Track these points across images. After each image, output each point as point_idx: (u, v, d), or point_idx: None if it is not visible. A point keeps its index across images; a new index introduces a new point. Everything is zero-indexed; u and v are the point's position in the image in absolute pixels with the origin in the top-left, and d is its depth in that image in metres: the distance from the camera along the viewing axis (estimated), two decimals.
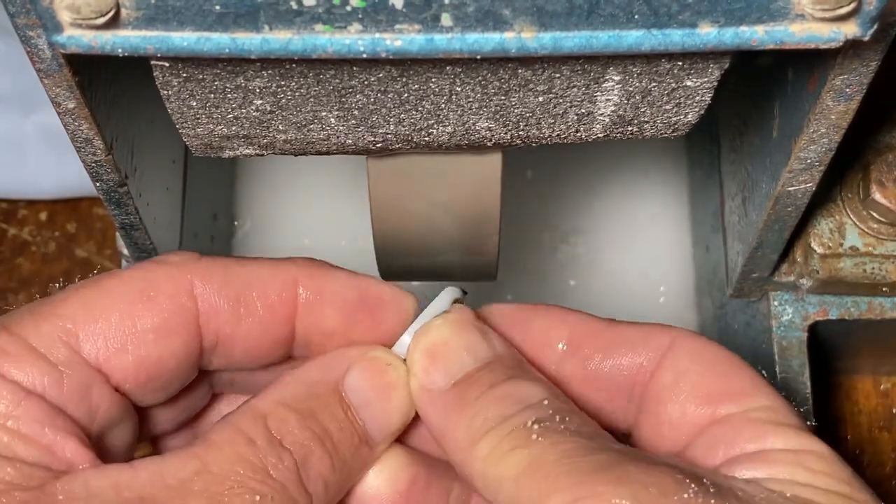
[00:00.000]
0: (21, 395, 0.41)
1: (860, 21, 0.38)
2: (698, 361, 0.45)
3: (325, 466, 0.43)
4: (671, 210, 0.74)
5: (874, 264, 0.58)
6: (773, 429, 0.43)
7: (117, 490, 0.40)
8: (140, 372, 0.43)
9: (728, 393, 0.44)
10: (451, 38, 0.37)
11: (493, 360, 0.46)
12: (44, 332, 0.42)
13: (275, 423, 0.43)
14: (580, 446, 0.41)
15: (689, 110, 0.44)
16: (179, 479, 0.40)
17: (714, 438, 0.44)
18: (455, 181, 0.49)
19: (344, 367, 0.45)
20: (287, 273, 0.45)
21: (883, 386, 0.71)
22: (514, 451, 0.42)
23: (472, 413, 0.44)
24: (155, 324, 0.43)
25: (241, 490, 0.41)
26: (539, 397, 0.44)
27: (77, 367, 0.42)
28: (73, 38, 0.37)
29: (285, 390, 0.44)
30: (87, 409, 0.42)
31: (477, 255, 0.52)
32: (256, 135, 0.44)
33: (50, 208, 0.74)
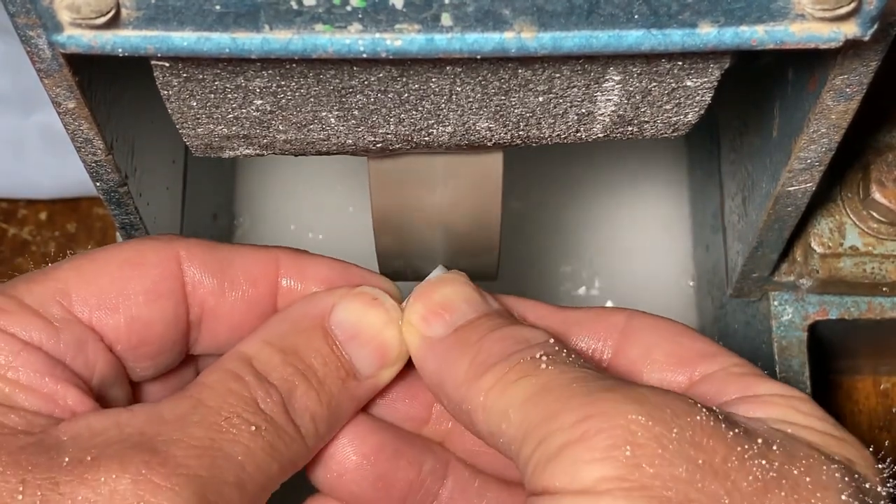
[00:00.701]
0: (18, 346, 0.42)
1: (860, 21, 0.38)
2: (661, 333, 0.46)
3: (311, 400, 0.44)
4: (671, 210, 0.74)
5: (874, 264, 0.58)
6: (757, 379, 0.44)
7: (119, 427, 0.41)
8: (131, 332, 0.45)
9: (700, 355, 0.45)
10: (451, 38, 0.37)
11: (492, 311, 0.46)
12: (37, 292, 0.44)
13: (260, 363, 0.44)
14: (591, 375, 0.42)
15: (689, 110, 0.44)
16: (177, 414, 0.42)
17: (702, 394, 0.44)
18: (455, 181, 0.49)
19: (330, 302, 0.46)
20: (269, 254, 0.47)
21: (883, 386, 0.71)
22: (523, 380, 0.42)
23: (474, 351, 0.44)
24: (144, 287, 0.45)
25: (238, 420, 0.42)
26: (544, 338, 0.44)
27: (71, 324, 0.44)
28: (73, 37, 0.37)
29: (271, 329, 0.46)
30: (83, 363, 0.44)
31: (477, 255, 0.52)
32: (256, 135, 0.44)
33: (50, 208, 0.74)
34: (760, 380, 0.44)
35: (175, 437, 0.41)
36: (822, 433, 0.42)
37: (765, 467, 0.39)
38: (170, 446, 0.40)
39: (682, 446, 0.38)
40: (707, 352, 0.46)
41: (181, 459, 0.40)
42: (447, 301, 0.46)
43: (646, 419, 0.39)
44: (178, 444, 0.40)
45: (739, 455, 0.39)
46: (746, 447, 0.39)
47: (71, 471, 0.39)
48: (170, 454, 0.40)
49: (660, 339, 0.46)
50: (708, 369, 0.45)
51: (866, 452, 0.43)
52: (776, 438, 0.40)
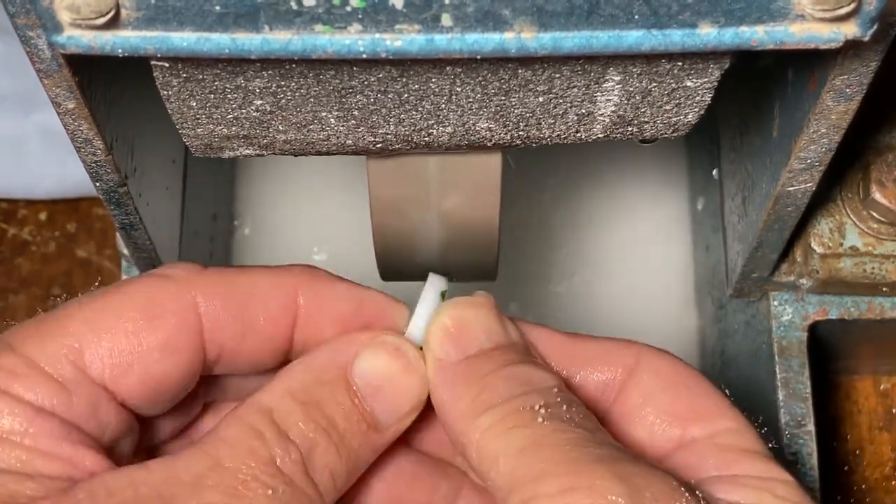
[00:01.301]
0: (33, 413, 0.41)
1: (860, 21, 0.38)
2: (663, 381, 0.46)
3: (331, 457, 0.44)
4: (671, 210, 0.74)
5: (874, 264, 0.58)
6: (739, 455, 0.44)
7: (135, 487, 0.40)
8: (146, 389, 0.44)
9: (695, 415, 0.45)
10: (451, 38, 0.37)
11: (507, 344, 0.46)
12: (50, 351, 0.42)
13: (280, 416, 0.43)
14: (583, 437, 0.42)
15: (689, 110, 0.44)
16: (193, 474, 0.41)
17: (683, 463, 0.44)
18: (455, 181, 0.49)
19: (352, 351, 0.45)
20: (287, 284, 0.46)
21: (883, 386, 0.71)
22: (517, 429, 0.42)
23: (480, 386, 0.44)
24: (160, 342, 0.43)
25: (255, 484, 0.41)
26: (549, 384, 0.44)
27: (84, 386, 0.43)
28: (73, 38, 0.37)
29: (292, 380, 0.45)
30: (97, 424, 0.43)
31: (477, 256, 0.52)
32: (256, 135, 0.44)
33: (50, 208, 0.74)
34: (744, 456, 0.44)
35: (190, 502, 0.40)
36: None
37: None
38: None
39: None
40: (703, 410, 0.45)
41: None
42: (465, 326, 0.46)
43: (626, 501, 0.39)
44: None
45: None
46: None
47: None
48: None
49: (660, 390, 0.46)
50: (698, 433, 0.45)
51: None
52: None
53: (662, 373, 0.46)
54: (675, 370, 0.46)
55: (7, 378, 0.42)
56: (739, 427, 0.45)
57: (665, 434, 0.45)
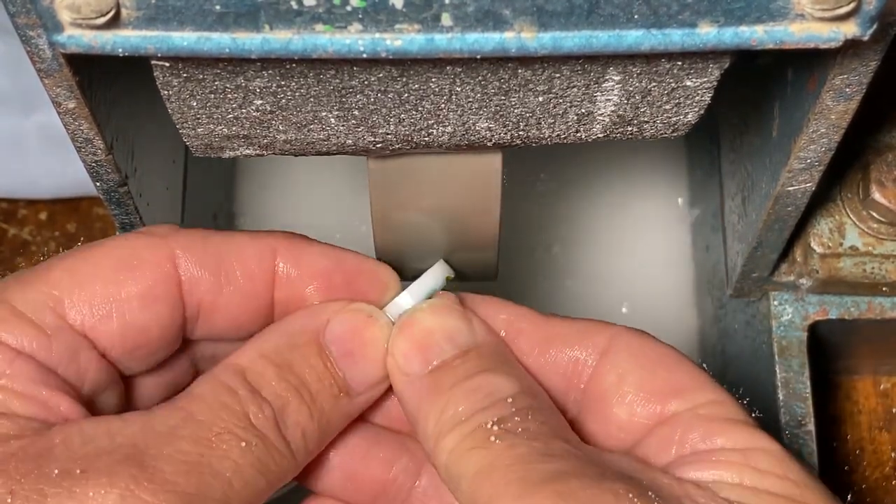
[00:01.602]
0: (11, 354, 0.42)
1: (860, 21, 0.38)
2: (640, 359, 0.46)
3: (303, 416, 0.44)
4: (671, 210, 0.74)
5: (874, 264, 0.58)
6: (722, 426, 0.43)
7: (110, 436, 0.41)
8: (126, 339, 0.44)
9: (673, 390, 0.45)
10: (451, 38, 0.38)
11: (472, 348, 0.46)
12: (30, 298, 0.43)
13: (253, 376, 0.44)
14: (533, 451, 0.42)
15: (688, 110, 0.44)
16: (168, 426, 0.42)
17: (664, 437, 0.44)
18: (455, 181, 0.49)
19: (325, 318, 0.46)
20: (265, 243, 0.46)
21: (883, 386, 0.71)
22: (473, 451, 0.42)
23: (443, 404, 0.44)
24: (139, 291, 0.44)
25: (228, 436, 0.42)
26: (506, 393, 0.44)
27: (64, 332, 0.43)
28: (74, 37, 0.37)
29: (265, 342, 0.45)
30: (75, 372, 0.43)
31: (477, 255, 0.52)
32: (257, 135, 0.44)
33: (50, 208, 0.74)
34: (726, 426, 0.43)
35: (165, 452, 0.41)
36: (780, 496, 0.42)
37: None
38: (158, 461, 0.40)
39: None
40: (681, 385, 0.45)
41: (169, 475, 0.40)
42: (427, 337, 0.46)
43: None
44: (168, 459, 0.40)
45: None
46: None
47: (59, 483, 0.39)
48: (158, 469, 0.40)
49: (636, 367, 0.45)
50: (677, 407, 0.44)
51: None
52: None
53: (638, 350, 0.46)
54: (651, 347, 0.46)
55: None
56: (721, 398, 0.44)
57: (644, 411, 0.45)
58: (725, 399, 0.44)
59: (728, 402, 0.44)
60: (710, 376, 0.45)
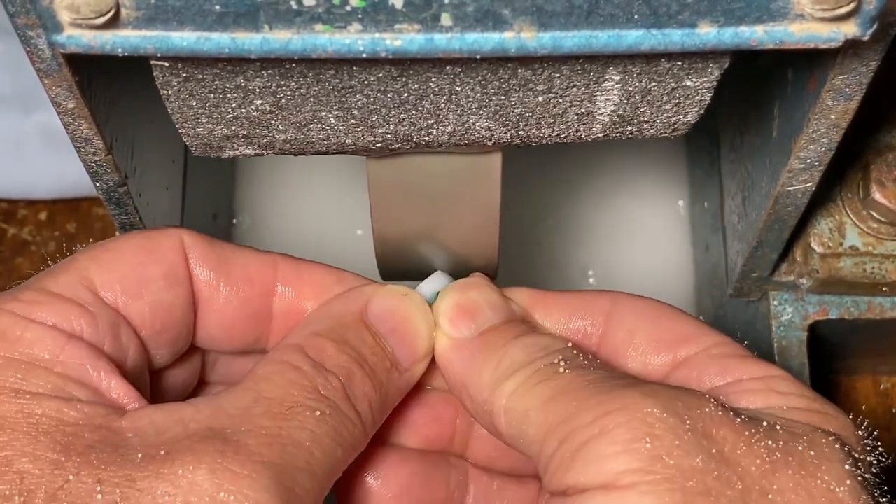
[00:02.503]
0: (63, 339, 0.42)
1: (860, 21, 0.38)
2: (643, 315, 0.48)
3: (368, 387, 0.45)
4: (671, 210, 0.74)
5: (874, 264, 0.58)
6: (735, 361, 0.45)
7: (183, 424, 0.41)
8: (155, 318, 0.45)
9: (680, 337, 0.47)
10: (451, 37, 0.38)
11: (514, 318, 0.47)
12: (63, 281, 0.44)
13: (313, 351, 0.45)
14: (605, 376, 0.43)
15: (688, 110, 0.44)
16: (240, 407, 0.42)
17: (682, 379, 0.45)
18: (455, 181, 0.49)
19: (364, 299, 0.47)
20: (268, 257, 0.47)
21: (883, 386, 0.71)
22: (542, 383, 0.43)
23: (498, 356, 0.45)
24: (163, 272, 0.45)
25: (301, 408, 0.42)
26: (563, 345, 0.45)
27: (104, 308, 0.44)
28: (73, 37, 0.37)
29: (315, 324, 0.46)
30: (118, 349, 0.44)
31: (477, 255, 0.52)
32: (256, 134, 0.44)
33: (50, 208, 0.74)
34: (739, 361, 0.45)
35: (243, 429, 0.41)
36: (807, 410, 0.43)
37: (771, 448, 0.40)
38: (240, 436, 0.40)
39: (696, 437, 0.39)
40: (687, 333, 0.47)
41: (254, 447, 0.40)
42: (474, 305, 0.47)
43: (661, 411, 0.40)
44: (248, 434, 0.41)
45: (747, 440, 0.40)
46: (753, 431, 0.40)
47: (146, 467, 0.39)
48: (241, 443, 0.40)
49: (642, 322, 0.47)
50: (689, 351, 0.46)
51: (848, 422, 0.44)
52: (778, 418, 0.42)
53: (640, 309, 0.48)
54: (651, 305, 0.48)
55: (28, 307, 0.42)
56: (725, 340, 0.46)
57: (658, 360, 0.46)
58: (730, 341, 0.47)
59: (732, 342, 0.46)
60: (709, 325, 0.48)
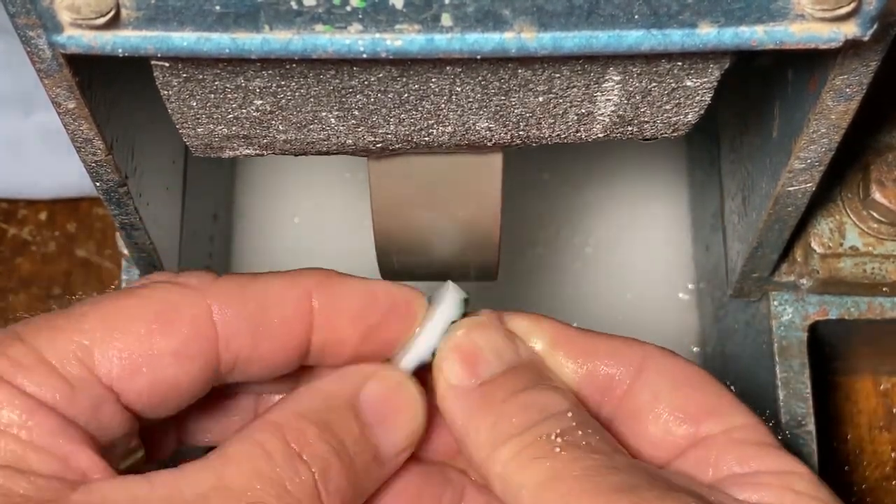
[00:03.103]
0: (33, 406, 0.41)
1: (860, 21, 0.38)
2: (672, 378, 0.46)
3: (343, 480, 0.43)
4: (671, 210, 0.74)
5: (874, 264, 0.58)
6: (756, 449, 0.44)
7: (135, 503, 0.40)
8: (153, 394, 0.43)
9: (706, 411, 0.45)
10: (451, 38, 0.37)
11: (519, 365, 0.46)
12: (59, 346, 0.42)
13: (293, 435, 0.43)
14: (601, 464, 0.42)
15: (689, 110, 0.44)
16: (197, 493, 0.40)
17: (699, 459, 0.44)
18: (455, 181, 0.49)
19: (360, 381, 0.46)
20: (301, 286, 0.45)
21: (883, 386, 0.71)
22: (537, 461, 0.42)
23: (496, 415, 0.44)
24: (172, 347, 0.43)
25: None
26: (563, 408, 0.44)
27: (89, 385, 0.42)
28: (73, 38, 0.37)
29: (302, 402, 0.45)
30: (97, 425, 0.43)
31: (477, 256, 0.52)
32: (256, 135, 0.44)
33: (50, 208, 0.74)
34: (761, 450, 0.44)
35: None
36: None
37: None
38: None
39: None
40: (713, 408, 0.45)
41: None
42: (476, 351, 0.46)
43: None
44: None
45: None
46: None
47: None
48: None
49: (669, 388, 0.46)
50: (711, 430, 0.45)
51: None
52: None
53: (671, 371, 0.46)
54: (682, 369, 0.47)
55: (12, 368, 0.41)
56: (752, 422, 0.45)
57: (678, 431, 0.45)
58: (755, 423, 0.45)
59: (759, 426, 0.45)
60: (737, 398, 0.46)
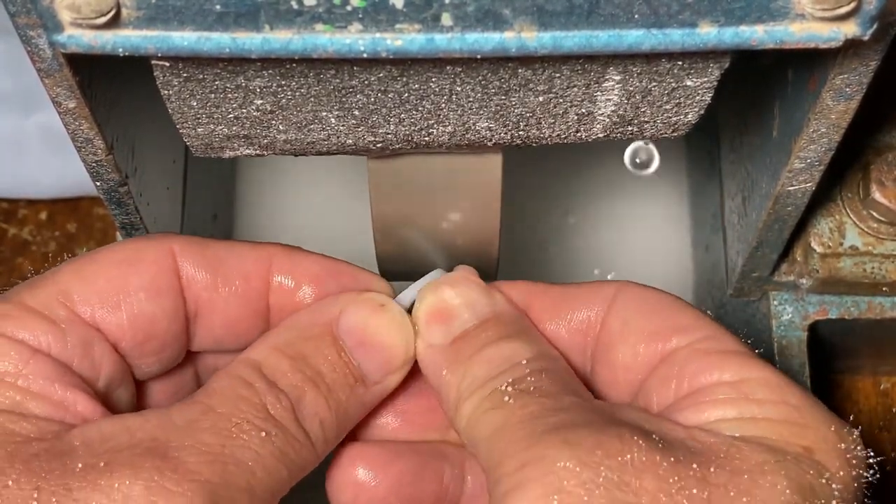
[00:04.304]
0: (28, 353, 0.43)
1: (860, 21, 0.38)
2: (643, 305, 0.47)
3: (320, 406, 0.45)
4: (671, 210, 0.74)
5: (874, 264, 0.58)
6: (717, 357, 0.44)
7: (130, 433, 0.41)
8: (136, 330, 0.45)
9: (673, 329, 0.46)
10: (452, 37, 0.38)
11: (491, 317, 0.47)
12: (41, 296, 0.44)
13: (268, 368, 0.45)
14: (543, 407, 0.43)
15: (689, 110, 0.44)
16: (188, 419, 0.42)
17: (664, 375, 0.45)
18: (455, 181, 0.49)
19: (336, 309, 0.47)
20: (262, 250, 0.47)
21: (883, 386, 0.71)
22: (488, 413, 0.43)
23: (462, 372, 0.45)
24: (144, 283, 0.45)
25: (248, 426, 0.42)
26: (522, 357, 0.45)
27: (77, 325, 0.44)
28: (74, 37, 0.37)
29: (278, 336, 0.46)
30: (90, 365, 0.44)
31: (477, 256, 0.52)
32: (257, 135, 0.44)
33: (50, 208, 0.74)
34: (721, 358, 0.44)
35: (186, 444, 0.41)
36: (779, 422, 0.42)
37: (695, 497, 0.39)
38: (181, 452, 0.41)
39: (609, 491, 0.39)
40: (681, 324, 0.46)
41: (192, 465, 0.40)
42: (448, 306, 0.47)
43: (574, 464, 0.40)
44: (190, 450, 0.41)
45: (668, 489, 0.39)
46: (678, 478, 0.40)
47: (84, 476, 0.39)
48: (181, 460, 0.40)
49: (639, 312, 0.47)
50: (677, 343, 0.46)
51: (830, 435, 0.43)
52: (717, 455, 0.41)
53: (640, 298, 0.47)
54: (653, 295, 0.47)
55: (1, 320, 0.43)
56: (716, 333, 0.46)
57: (647, 350, 0.46)
58: (721, 333, 0.46)
59: (724, 335, 0.46)
60: (708, 316, 0.47)
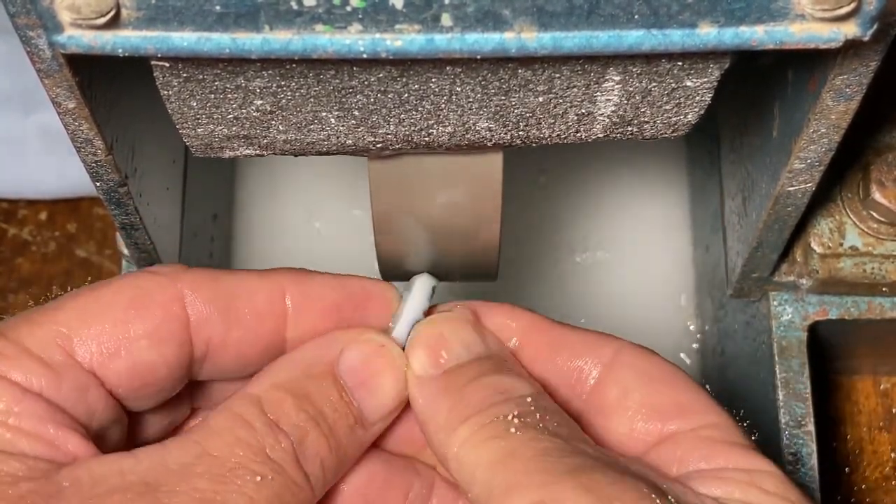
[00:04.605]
0: (20, 393, 0.42)
1: (860, 21, 0.38)
2: (643, 375, 0.46)
3: (322, 447, 0.44)
4: (671, 210, 0.74)
5: (874, 264, 0.58)
6: (724, 448, 0.44)
7: (121, 475, 0.41)
8: (133, 377, 0.44)
9: (674, 409, 0.45)
10: (451, 38, 0.38)
11: (486, 355, 0.46)
12: (39, 336, 0.43)
13: (270, 407, 0.44)
14: (556, 447, 0.42)
15: (689, 110, 0.44)
16: (182, 463, 0.41)
17: (665, 455, 0.44)
18: (455, 181, 0.49)
19: (337, 348, 0.46)
20: (273, 282, 0.46)
21: (883, 386, 0.71)
22: (492, 440, 0.43)
23: (456, 398, 0.45)
24: (147, 330, 0.44)
25: (243, 471, 0.42)
26: (523, 392, 0.44)
27: (73, 370, 0.43)
28: (74, 38, 0.37)
29: (279, 373, 0.45)
30: (84, 409, 0.43)
31: (478, 256, 0.52)
32: (257, 135, 0.44)
33: (50, 208, 0.74)
34: (729, 448, 0.44)
35: (178, 489, 0.40)
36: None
37: None
38: (172, 498, 0.40)
39: None
40: (683, 406, 0.45)
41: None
42: (442, 342, 0.47)
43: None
44: (182, 496, 0.40)
45: None
46: None
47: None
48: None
49: (640, 384, 0.46)
50: (679, 426, 0.45)
51: None
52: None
53: (642, 367, 0.46)
54: (655, 365, 0.46)
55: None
56: (722, 422, 0.45)
57: (645, 428, 0.45)
58: (727, 422, 0.45)
59: (729, 425, 0.45)
60: (711, 398, 0.46)
